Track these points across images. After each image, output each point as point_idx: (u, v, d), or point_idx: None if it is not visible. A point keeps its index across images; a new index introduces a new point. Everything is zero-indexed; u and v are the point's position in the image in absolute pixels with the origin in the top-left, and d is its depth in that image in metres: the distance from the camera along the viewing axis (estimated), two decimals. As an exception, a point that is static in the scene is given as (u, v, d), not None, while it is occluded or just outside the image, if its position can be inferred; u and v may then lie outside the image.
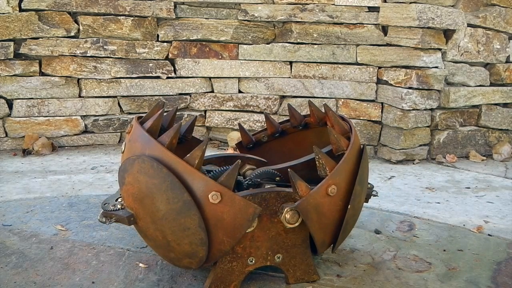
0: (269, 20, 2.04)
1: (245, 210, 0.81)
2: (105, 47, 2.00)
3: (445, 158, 2.01)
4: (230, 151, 1.95)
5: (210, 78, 2.12)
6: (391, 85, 1.97)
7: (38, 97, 1.99)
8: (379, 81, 2.02)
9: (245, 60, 2.08)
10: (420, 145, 1.99)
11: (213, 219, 0.81)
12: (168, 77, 2.09)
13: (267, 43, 2.07)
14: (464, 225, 1.30)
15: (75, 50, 1.97)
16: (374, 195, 1.10)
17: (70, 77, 2.01)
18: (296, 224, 0.86)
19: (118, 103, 2.08)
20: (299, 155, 1.14)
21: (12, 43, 1.91)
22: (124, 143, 0.94)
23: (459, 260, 1.08)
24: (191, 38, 2.05)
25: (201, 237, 0.82)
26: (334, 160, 0.90)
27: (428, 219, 1.33)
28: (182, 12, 2.04)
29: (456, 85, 2.03)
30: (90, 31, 1.98)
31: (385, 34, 1.97)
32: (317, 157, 0.89)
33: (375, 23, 1.98)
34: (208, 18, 2.05)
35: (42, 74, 1.99)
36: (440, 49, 1.93)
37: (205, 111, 2.16)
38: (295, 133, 1.23)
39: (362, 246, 1.14)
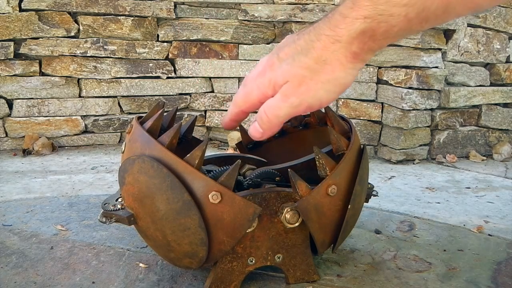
0: (269, 20, 2.04)
1: (245, 210, 0.81)
2: (105, 47, 2.00)
3: (445, 158, 2.01)
4: (230, 151, 1.95)
5: (210, 78, 2.12)
6: (391, 85, 1.97)
7: (38, 97, 1.99)
8: (379, 81, 2.02)
9: (245, 60, 2.08)
10: (420, 145, 1.99)
11: (213, 219, 0.81)
12: (168, 77, 2.09)
13: (267, 43, 2.07)
14: (464, 225, 1.30)
15: (75, 50, 1.97)
16: (374, 195, 1.10)
17: (70, 77, 2.01)
18: (296, 224, 0.86)
19: (118, 103, 2.08)
20: (299, 155, 1.14)
21: (12, 43, 1.91)
22: (124, 143, 0.94)
23: (459, 260, 1.08)
24: (191, 38, 2.05)
25: (201, 237, 0.81)
26: (334, 160, 0.90)
27: (428, 219, 1.33)
28: (182, 12, 2.04)
29: (456, 85, 2.03)
30: (90, 31, 1.98)
31: (385, 34, 1.97)
32: (317, 157, 0.89)
33: (375, 23, 1.97)
34: (208, 18, 2.05)
35: (42, 74, 1.99)
36: (440, 49, 1.93)
37: (205, 111, 2.16)
38: (295, 133, 1.23)
39: (362, 246, 1.14)
